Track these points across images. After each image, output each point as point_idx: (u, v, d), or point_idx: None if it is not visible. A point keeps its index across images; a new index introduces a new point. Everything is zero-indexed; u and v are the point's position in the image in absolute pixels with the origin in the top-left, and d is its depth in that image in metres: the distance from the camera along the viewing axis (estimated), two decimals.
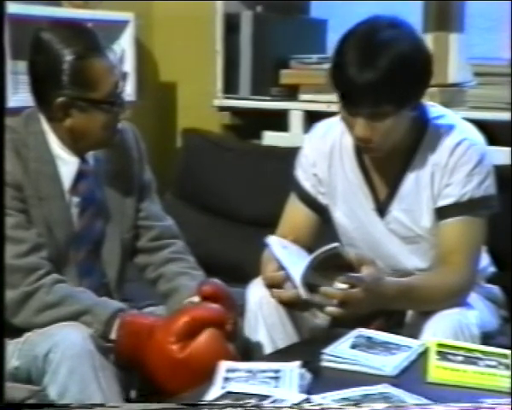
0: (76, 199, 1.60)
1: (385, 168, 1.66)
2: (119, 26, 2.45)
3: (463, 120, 1.69)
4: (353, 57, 1.51)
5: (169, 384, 1.44)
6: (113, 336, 1.49)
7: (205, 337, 1.45)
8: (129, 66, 2.42)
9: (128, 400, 1.49)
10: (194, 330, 1.46)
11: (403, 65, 1.51)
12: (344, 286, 1.48)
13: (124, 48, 2.42)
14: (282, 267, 1.52)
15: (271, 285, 1.56)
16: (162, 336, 1.46)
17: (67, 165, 1.59)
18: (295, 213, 1.73)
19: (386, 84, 1.49)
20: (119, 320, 1.49)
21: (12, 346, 1.49)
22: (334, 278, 1.48)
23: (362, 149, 1.64)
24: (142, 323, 1.49)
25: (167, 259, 1.69)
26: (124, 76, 1.61)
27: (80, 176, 1.60)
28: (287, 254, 1.53)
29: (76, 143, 1.58)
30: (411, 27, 1.59)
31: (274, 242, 1.58)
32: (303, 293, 1.47)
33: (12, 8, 1.81)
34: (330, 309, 1.47)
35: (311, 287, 1.47)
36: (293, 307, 1.56)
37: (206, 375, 1.35)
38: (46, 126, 1.58)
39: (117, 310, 1.51)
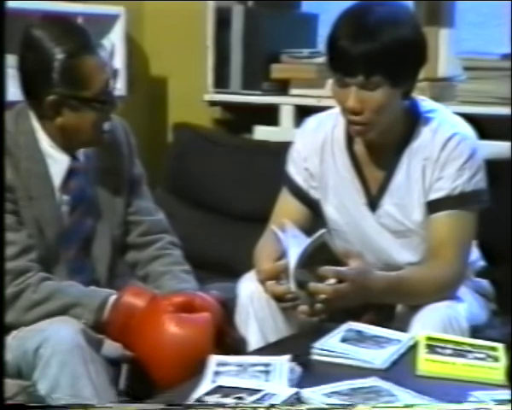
0: (66, 197, 1.60)
1: (376, 162, 1.67)
2: (110, 20, 2.44)
3: (454, 115, 1.70)
4: (348, 29, 1.53)
5: (159, 351, 1.45)
6: (104, 320, 1.49)
7: (201, 316, 1.47)
8: (119, 60, 2.41)
9: (118, 394, 1.49)
10: (191, 308, 1.47)
11: (397, 39, 1.52)
12: (332, 281, 1.48)
13: (114, 42, 2.41)
14: (285, 254, 1.51)
15: (268, 278, 1.55)
16: (160, 302, 1.47)
17: (58, 163, 1.59)
18: (287, 207, 1.73)
19: (379, 53, 1.51)
20: (114, 300, 1.49)
21: None
22: (321, 273, 1.48)
23: (353, 132, 1.63)
24: (135, 304, 1.49)
25: (152, 257, 1.69)
26: (115, 73, 1.61)
27: (71, 174, 1.60)
28: (289, 243, 1.52)
29: (66, 142, 1.58)
30: (409, 11, 1.61)
31: (279, 230, 1.57)
32: (293, 286, 1.47)
33: None
34: (318, 308, 1.47)
35: (301, 284, 1.47)
36: (283, 302, 1.55)
37: (195, 352, 1.37)
38: (36, 124, 1.58)
39: (106, 297, 1.51)
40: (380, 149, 1.65)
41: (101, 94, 1.54)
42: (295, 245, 1.50)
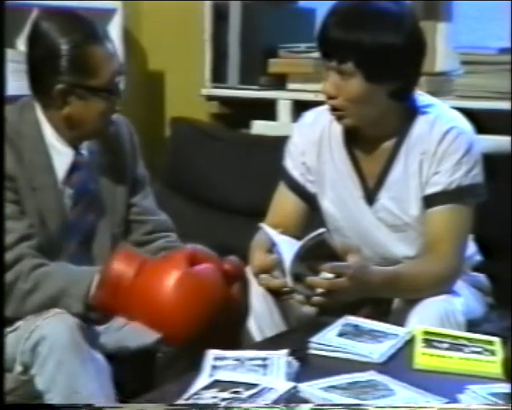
0: (69, 190, 1.60)
1: (373, 156, 1.67)
2: (107, 15, 2.44)
3: (451, 109, 1.70)
4: (333, 15, 1.57)
5: (173, 301, 1.42)
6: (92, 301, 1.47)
7: (209, 265, 1.46)
8: None
9: (117, 391, 1.48)
10: (195, 261, 1.46)
11: (376, 39, 1.54)
12: (330, 275, 1.48)
13: (111, 37, 2.40)
14: (275, 250, 1.52)
15: (260, 271, 1.56)
16: (164, 265, 1.45)
17: (62, 155, 1.59)
18: (284, 201, 1.73)
19: (353, 43, 1.54)
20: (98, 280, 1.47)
21: None
22: (320, 269, 1.48)
23: (332, 114, 1.64)
24: (122, 280, 1.46)
25: (162, 247, 1.68)
26: (121, 65, 1.61)
27: (74, 167, 1.60)
28: (280, 239, 1.53)
29: (72, 133, 1.58)
30: (404, 16, 1.59)
31: (268, 227, 1.58)
32: (289, 281, 1.47)
33: None
34: (316, 299, 1.48)
35: (297, 277, 1.48)
36: (279, 295, 1.56)
37: (209, 301, 1.36)
38: (41, 115, 1.58)
39: (91, 281, 1.48)
40: (377, 142, 1.66)
41: (109, 84, 1.55)
42: (284, 241, 1.50)
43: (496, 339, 1.43)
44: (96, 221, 1.63)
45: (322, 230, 1.49)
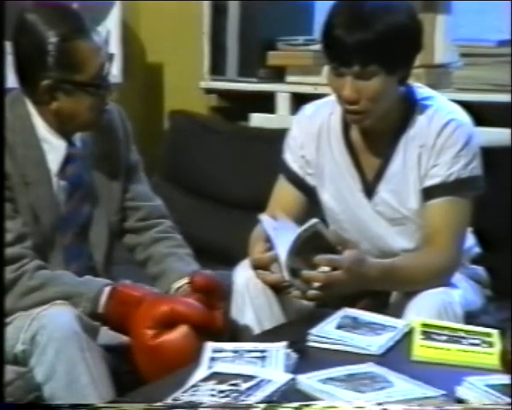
0: (63, 183, 1.60)
1: (372, 150, 1.67)
2: (106, 7, 2.43)
3: (450, 102, 1.70)
4: (343, 18, 1.54)
5: (139, 367, 1.46)
6: (101, 309, 1.50)
7: (179, 332, 1.46)
8: (115, 47, 2.40)
9: (115, 381, 1.49)
10: (171, 321, 1.46)
11: (391, 27, 1.53)
12: (326, 269, 1.48)
13: (109, 29, 2.40)
14: (271, 245, 1.52)
15: (258, 267, 1.57)
16: (140, 319, 1.47)
17: (55, 148, 1.58)
18: (284, 194, 1.73)
19: (375, 43, 1.51)
20: (110, 289, 1.50)
21: None
22: (316, 262, 1.48)
23: (349, 120, 1.63)
24: (132, 294, 1.50)
25: (154, 239, 1.69)
26: (110, 58, 1.60)
27: (68, 160, 1.60)
28: (278, 233, 1.53)
29: (63, 126, 1.57)
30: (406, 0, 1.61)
31: (267, 219, 1.58)
32: (286, 275, 1.47)
33: None
34: (313, 293, 1.48)
35: (294, 271, 1.48)
36: (277, 289, 1.56)
37: (173, 368, 1.35)
38: (32, 109, 1.57)
39: (103, 285, 1.52)
40: (376, 136, 1.66)
41: (96, 78, 1.54)
42: (282, 235, 1.50)
43: (494, 331, 1.44)
44: (92, 211, 1.63)
45: (315, 220, 1.49)
